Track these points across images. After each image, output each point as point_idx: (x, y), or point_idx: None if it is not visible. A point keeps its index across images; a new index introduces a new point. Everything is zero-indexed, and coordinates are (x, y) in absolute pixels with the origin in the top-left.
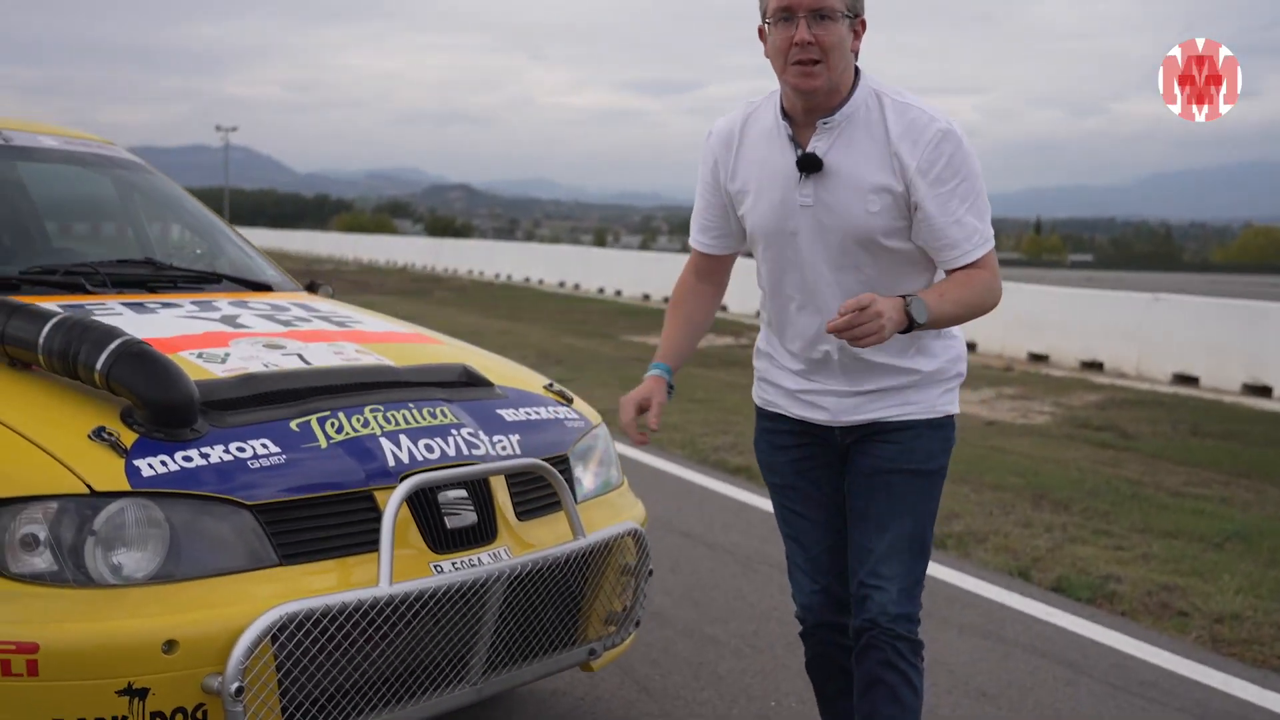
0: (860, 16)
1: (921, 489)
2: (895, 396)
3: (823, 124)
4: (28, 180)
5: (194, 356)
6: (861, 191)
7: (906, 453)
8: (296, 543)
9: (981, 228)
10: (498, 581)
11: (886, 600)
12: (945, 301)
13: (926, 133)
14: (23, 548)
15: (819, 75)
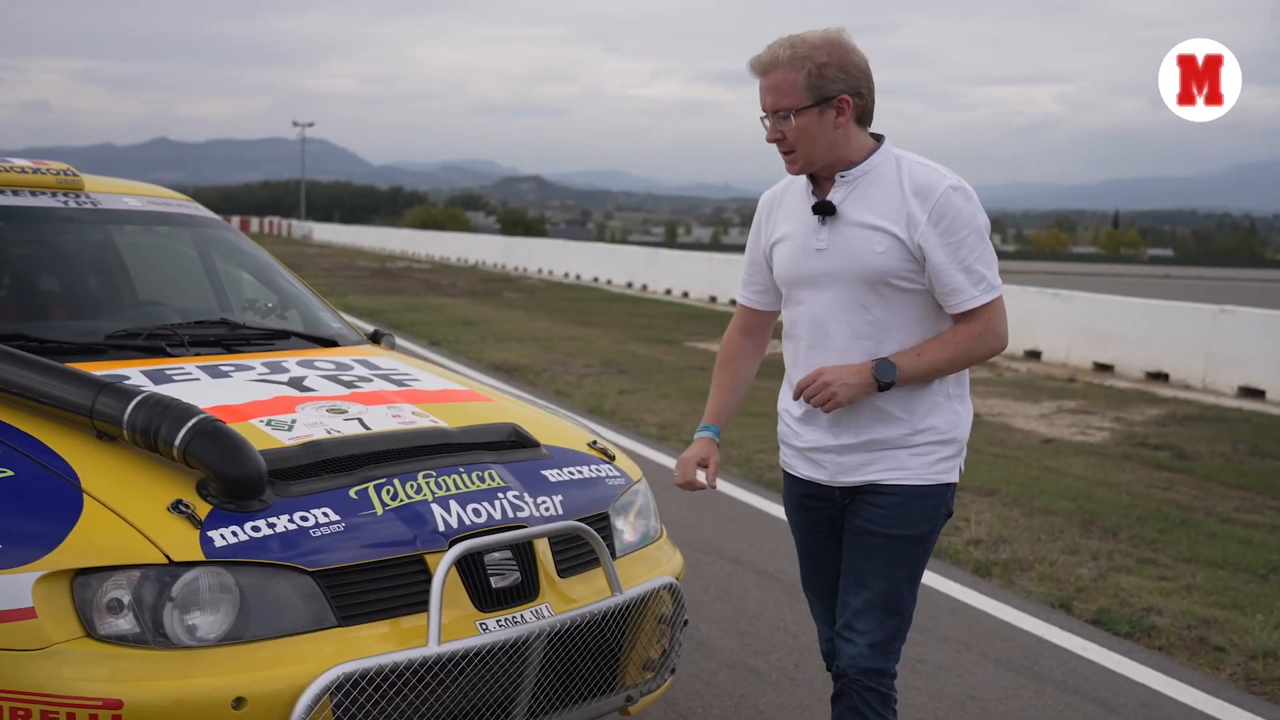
0: (835, 98)
1: (900, 553)
2: (887, 459)
3: (840, 177)
4: (114, 242)
5: (263, 424)
6: (869, 233)
7: (890, 518)
8: (354, 604)
9: (987, 276)
10: (539, 638)
11: (856, 653)
12: (921, 360)
13: (937, 188)
14: (108, 611)
15: (796, 161)
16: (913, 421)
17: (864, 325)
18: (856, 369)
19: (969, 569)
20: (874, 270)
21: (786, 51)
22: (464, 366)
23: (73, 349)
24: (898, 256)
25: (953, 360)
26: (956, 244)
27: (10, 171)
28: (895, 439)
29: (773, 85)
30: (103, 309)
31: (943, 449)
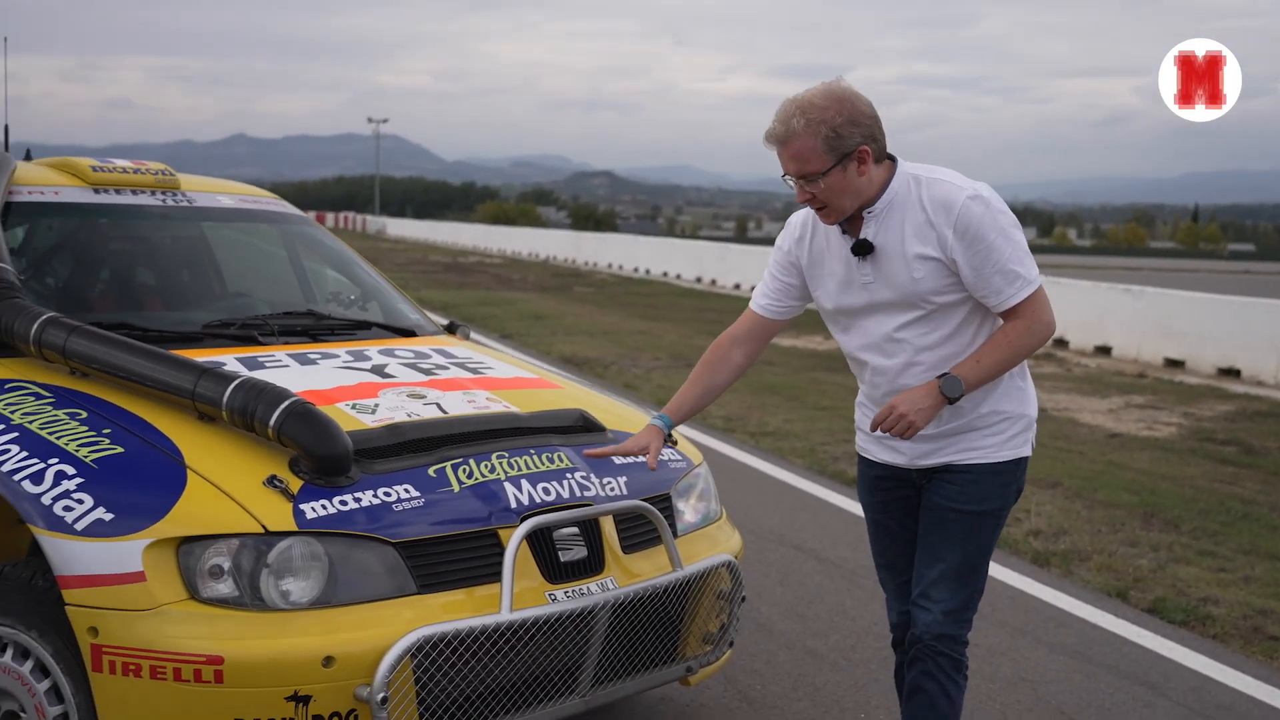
0: (855, 150)
1: (973, 527)
2: (961, 441)
3: (867, 214)
4: (208, 237)
5: (349, 408)
6: (907, 262)
7: (964, 495)
8: (432, 574)
9: (1022, 273)
10: (604, 609)
11: (931, 620)
12: (982, 367)
13: (956, 203)
14: (210, 576)
15: (830, 214)
16: (981, 407)
17: (920, 338)
18: (925, 391)
19: (1028, 558)
20: (918, 294)
21: (800, 121)
22: (535, 359)
23: (173, 338)
24: (936, 276)
25: (1010, 358)
26: (986, 250)
27: (114, 172)
28: (967, 424)
29: (794, 155)
30: (198, 300)
31: (1013, 425)
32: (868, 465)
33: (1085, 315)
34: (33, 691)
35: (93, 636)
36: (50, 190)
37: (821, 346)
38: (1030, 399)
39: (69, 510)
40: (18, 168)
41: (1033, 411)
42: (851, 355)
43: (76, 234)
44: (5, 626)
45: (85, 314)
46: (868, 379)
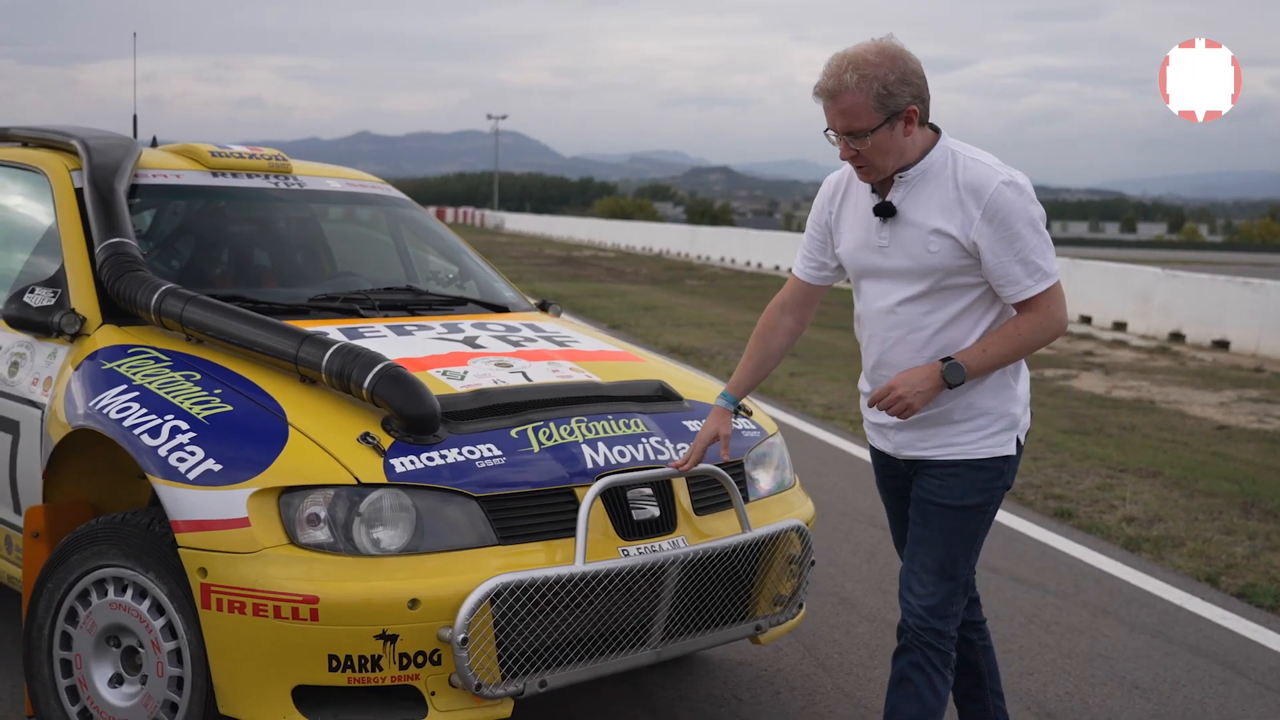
0: (905, 109)
1: (953, 522)
2: (939, 435)
3: (899, 177)
4: (318, 218)
5: (439, 374)
6: (924, 234)
7: (944, 489)
8: (512, 527)
9: (1042, 265)
10: (674, 565)
11: (913, 613)
12: (987, 355)
13: (990, 185)
14: (308, 524)
15: (869, 173)
16: (961, 400)
17: (923, 318)
18: (925, 373)
19: (1119, 543)
20: (930, 268)
21: (853, 75)
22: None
23: (282, 309)
24: (952, 254)
25: (1018, 351)
26: (1011, 237)
27: (230, 156)
28: (944, 415)
29: (844, 110)
30: (306, 277)
31: (993, 423)
32: (874, 454)
33: (1203, 309)
34: (150, 628)
35: (202, 576)
36: (173, 174)
37: None
38: (1017, 398)
39: (182, 461)
40: (143, 153)
41: (1017, 410)
42: (859, 319)
43: (195, 214)
44: (125, 569)
45: (202, 287)
46: (864, 346)
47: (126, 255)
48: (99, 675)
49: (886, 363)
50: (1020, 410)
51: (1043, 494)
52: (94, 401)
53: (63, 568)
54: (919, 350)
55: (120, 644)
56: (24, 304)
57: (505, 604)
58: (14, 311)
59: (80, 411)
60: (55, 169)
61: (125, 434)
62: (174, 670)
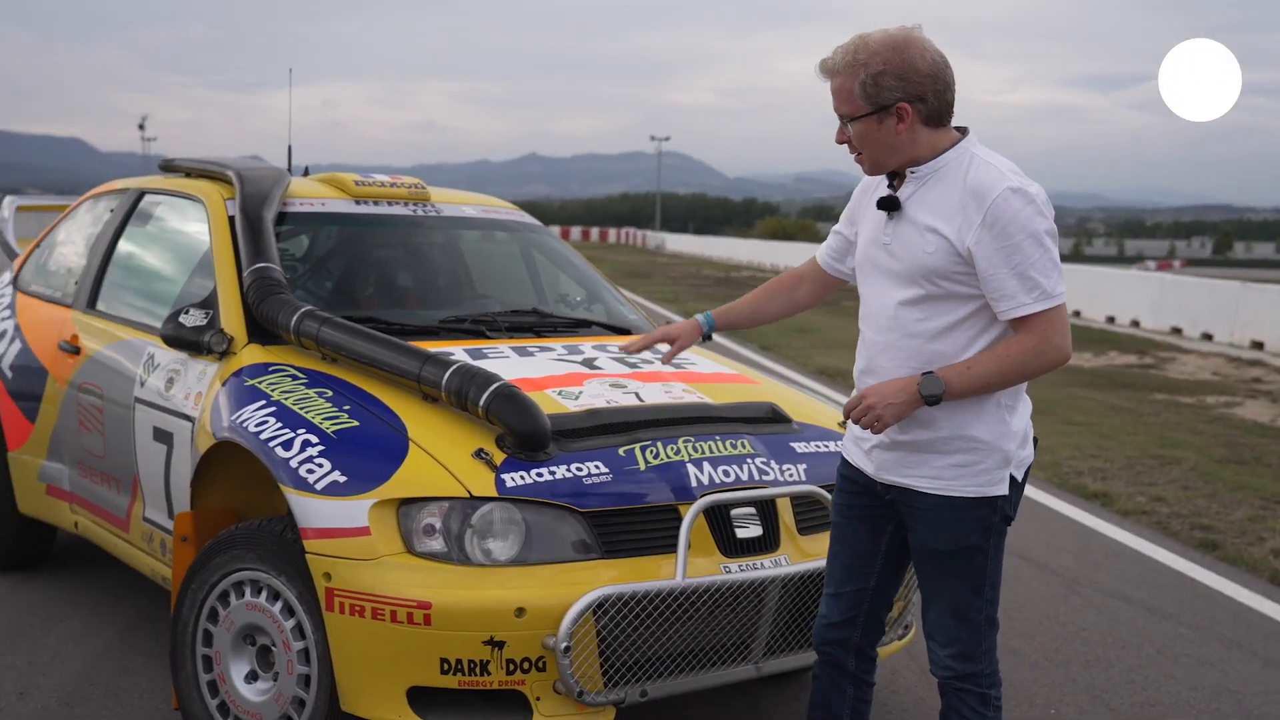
0: (894, 105)
1: (954, 567)
2: (924, 464)
3: (910, 173)
4: (453, 243)
5: (555, 394)
6: (922, 233)
7: (936, 534)
8: (617, 541)
9: (1043, 284)
10: (774, 583)
11: (940, 661)
12: (971, 374)
13: (995, 189)
14: (424, 534)
15: (863, 162)
16: (952, 427)
17: (916, 323)
18: (901, 386)
19: (1265, 576)
20: (924, 270)
21: (846, 57)
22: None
23: (413, 331)
24: (946, 258)
25: (1005, 374)
26: (1011, 248)
27: (372, 185)
28: (933, 442)
29: (835, 90)
30: (440, 299)
31: (985, 459)
32: (843, 465)
33: None
34: (281, 628)
35: (326, 581)
36: (318, 201)
37: (1087, 364)
38: (1014, 434)
39: (311, 472)
40: (291, 182)
41: (1011, 446)
42: (860, 317)
43: (338, 239)
44: (260, 572)
45: (343, 308)
46: (862, 350)
47: (270, 279)
48: (236, 671)
49: (873, 369)
50: (1015, 446)
51: (1189, 524)
52: (235, 415)
53: (205, 570)
54: (907, 358)
55: (256, 642)
56: (179, 324)
57: (608, 615)
58: (170, 331)
59: (224, 424)
60: (212, 198)
61: (261, 446)
62: (302, 669)
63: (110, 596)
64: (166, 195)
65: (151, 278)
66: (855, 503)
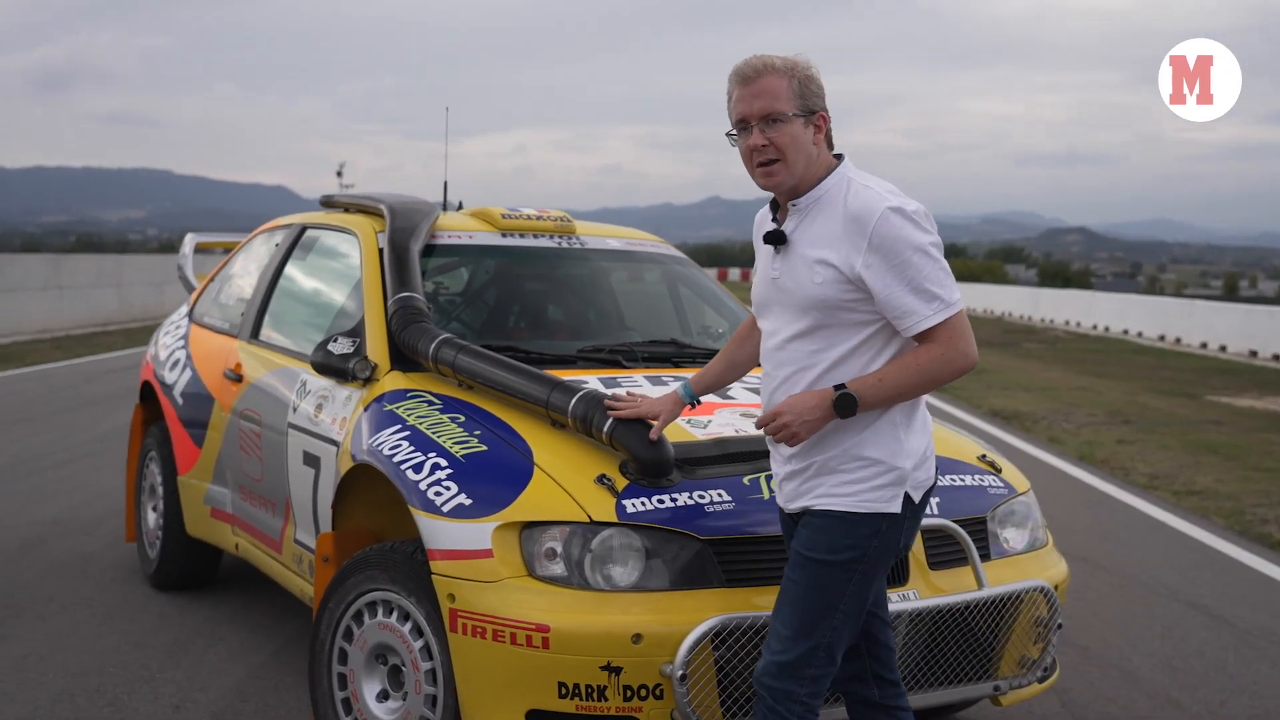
0: (818, 112)
1: (816, 576)
2: (821, 485)
3: (792, 206)
4: (597, 275)
5: (684, 422)
6: (809, 264)
7: (814, 542)
8: (737, 570)
9: (940, 294)
10: (900, 618)
11: (764, 667)
12: (884, 386)
13: (875, 211)
14: (545, 557)
15: (778, 173)
16: (847, 446)
17: (811, 356)
18: (816, 400)
19: None
20: (815, 300)
21: (776, 60)
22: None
23: (550, 359)
24: (836, 287)
25: (917, 385)
26: (901, 265)
27: (519, 218)
28: (828, 463)
29: (764, 90)
30: (581, 329)
31: (877, 475)
32: None
33: None
34: (410, 648)
35: (451, 602)
36: (465, 234)
37: None
38: (908, 451)
39: (438, 495)
40: (440, 216)
41: (907, 465)
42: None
43: (484, 270)
44: (392, 593)
45: (485, 338)
46: (764, 387)
47: (412, 308)
48: (369, 689)
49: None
50: (911, 465)
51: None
52: (373, 439)
53: (341, 589)
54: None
55: (387, 662)
56: (327, 351)
57: (724, 644)
58: (319, 358)
59: (363, 447)
60: (365, 230)
61: (394, 469)
62: (429, 689)
63: (269, 618)
64: (325, 229)
65: (308, 308)
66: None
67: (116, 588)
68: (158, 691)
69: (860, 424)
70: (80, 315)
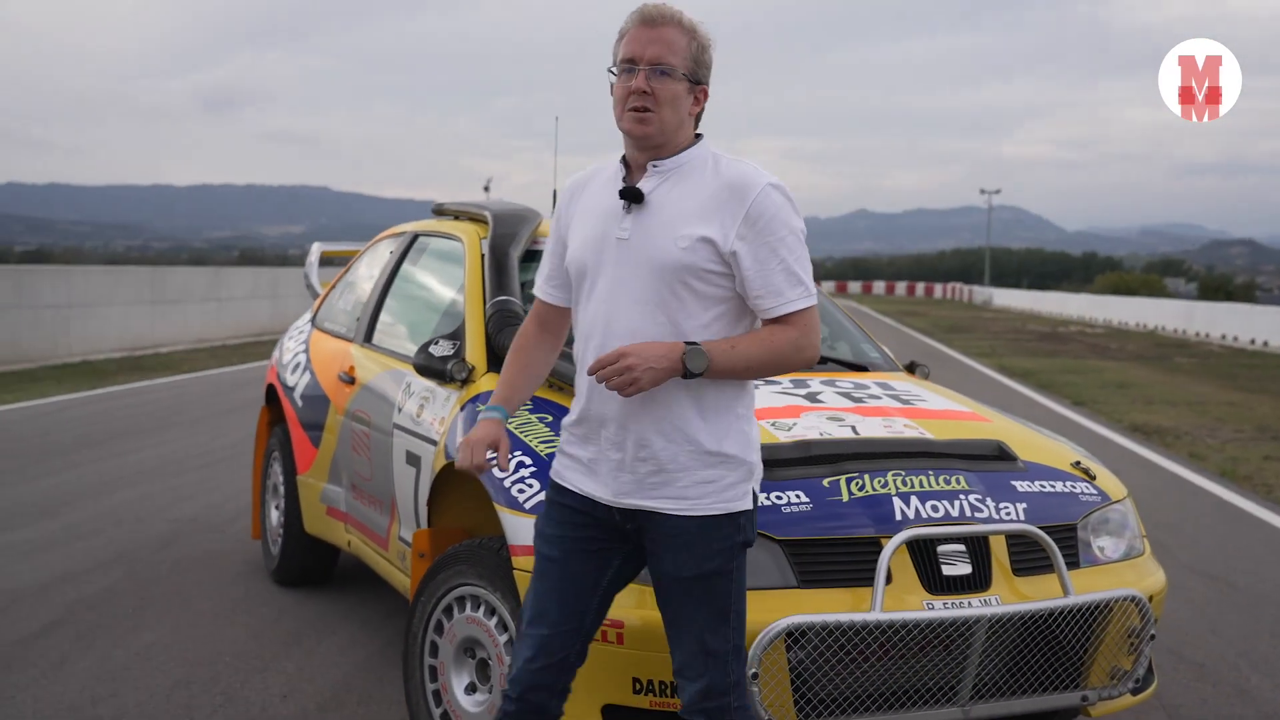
0: (702, 85)
1: (701, 597)
2: (670, 484)
3: (653, 166)
4: None
5: (769, 425)
6: (676, 228)
7: (685, 562)
8: (814, 572)
9: (805, 281)
10: (980, 623)
11: (690, 699)
12: (736, 354)
13: (756, 185)
14: None
15: (650, 122)
16: (703, 441)
17: (655, 326)
18: (665, 350)
19: None
20: (675, 265)
21: (683, 17)
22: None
23: None
24: (704, 255)
25: (765, 362)
26: (776, 243)
27: None
28: (678, 458)
29: (663, 38)
30: None
31: (732, 472)
32: (559, 493)
33: None
34: (495, 642)
35: None
36: None
37: None
38: (754, 445)
39: (521, 492)
40: (542, 222)
41: (755, 458)
42: (582, 331)
43: None
44: (479, 587)
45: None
46: (580, 369)
47: (509, 311)
48: (457, 682)
49: (605, 398)
50: (757, 458)
51: None
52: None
53: (432, 584)
54: None
55: (475, 655)
56: (429, 354)
57: (798, 643)
58: (421, 360)
59: (456, 447)
60: (470, 237)
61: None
62: None
63: (379, 614)
64: (435, 236)
65: (415, 311)
66: (579, 534)
67: (241, 583)
68: (268, 681)
69: (707, 415)
70: (236, 325)
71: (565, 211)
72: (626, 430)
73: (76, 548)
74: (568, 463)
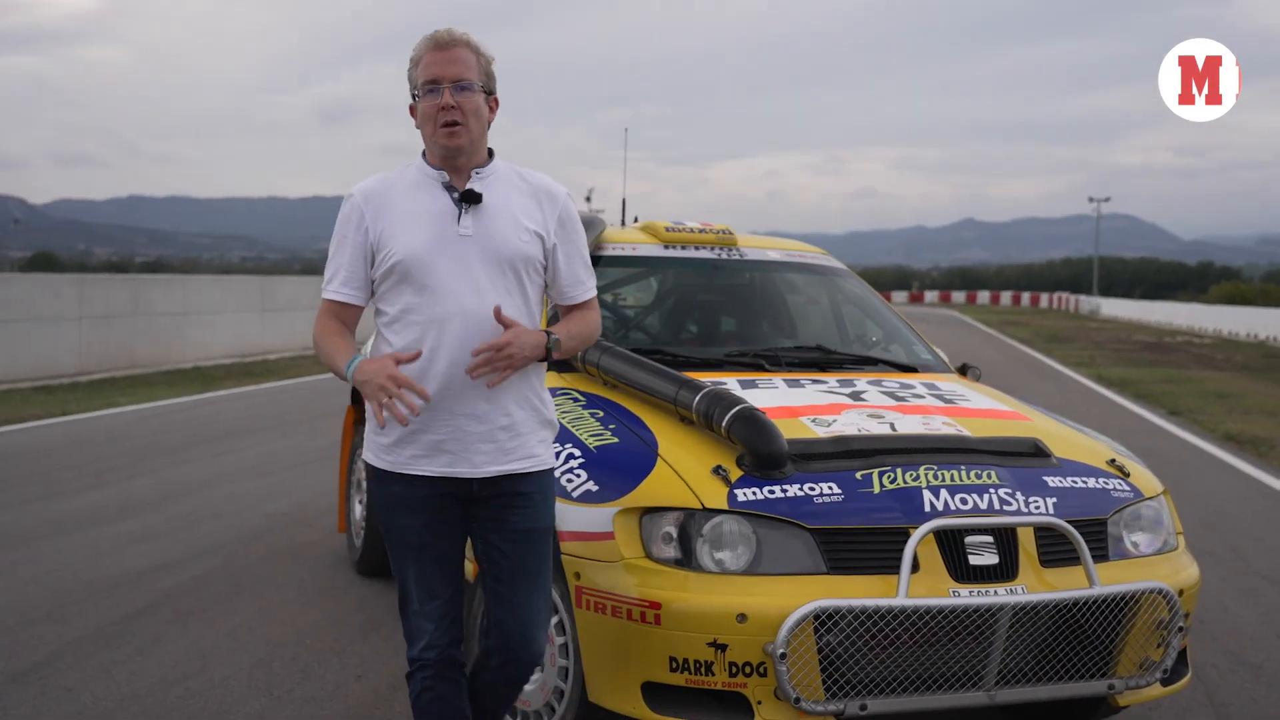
0: (493, 94)
1: (545, 548)
2: (520, 445)
3: (476, 173)
4: (755, 285)
5: (809, 420)
6: (516, 221)
7: (540, 512)
8: (843, 559)
9: (592, 272)
10: (1004, 610)
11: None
12: (572, 338)
13: (560, 194)
14: (662, 541)
15: (461, 134)
16: (539, 407)
17: (513, 311)
18: (536, 339)
19: None
20: (517, 256)
21: (469, 37)
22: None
23: (696, 363)
24: (536, 248)
25: (582, 342)
26: (578, 242)
27: (682, 231)
28: (528, 423)
29: (458, 58)
30: (734, 337)
31: (551, 434)
32: (411, 485)
33: None
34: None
35: (576, 580)
36: (630, 246)
37: None
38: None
39: (570, 482)
40: (606, 229)
41: (555, 416)
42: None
43: (646, 280)
44: None
45: (642, 343)
46: (426, 355)
47: None
48: None
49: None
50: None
51: None
52: None
53: None
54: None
55: None
56: None
57: (825, 627)
58: None
59: None
60: None
61: None
62: (562, 661)
63: None
64: None
65: None
66: (444, 518)
67: (325, 572)
68: (344, 663)
69: (535, 382)
70: None
71: (370, 219)
72: (487, 404)
73: (178, 538)
74: (417, 451)
